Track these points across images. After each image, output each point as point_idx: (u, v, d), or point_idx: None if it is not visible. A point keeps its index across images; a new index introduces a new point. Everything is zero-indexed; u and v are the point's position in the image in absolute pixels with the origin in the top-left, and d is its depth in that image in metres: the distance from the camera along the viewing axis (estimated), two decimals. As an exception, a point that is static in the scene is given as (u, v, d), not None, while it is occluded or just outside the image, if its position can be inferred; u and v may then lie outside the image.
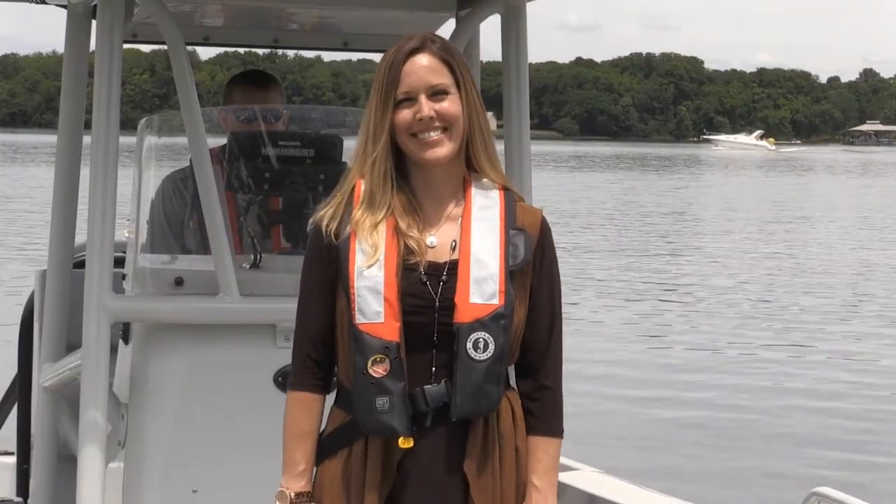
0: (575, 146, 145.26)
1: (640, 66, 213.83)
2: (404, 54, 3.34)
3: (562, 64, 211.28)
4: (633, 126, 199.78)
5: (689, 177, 74.38)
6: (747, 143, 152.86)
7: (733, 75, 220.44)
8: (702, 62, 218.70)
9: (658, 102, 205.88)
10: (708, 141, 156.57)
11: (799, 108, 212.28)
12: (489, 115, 4.77)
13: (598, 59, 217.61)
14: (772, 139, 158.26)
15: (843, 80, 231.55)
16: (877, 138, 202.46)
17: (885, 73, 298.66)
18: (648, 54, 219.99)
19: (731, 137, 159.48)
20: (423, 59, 3.35)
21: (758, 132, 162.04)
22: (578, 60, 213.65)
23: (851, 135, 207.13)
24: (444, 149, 3.34)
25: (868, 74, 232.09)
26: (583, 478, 5.84)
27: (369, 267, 3.29)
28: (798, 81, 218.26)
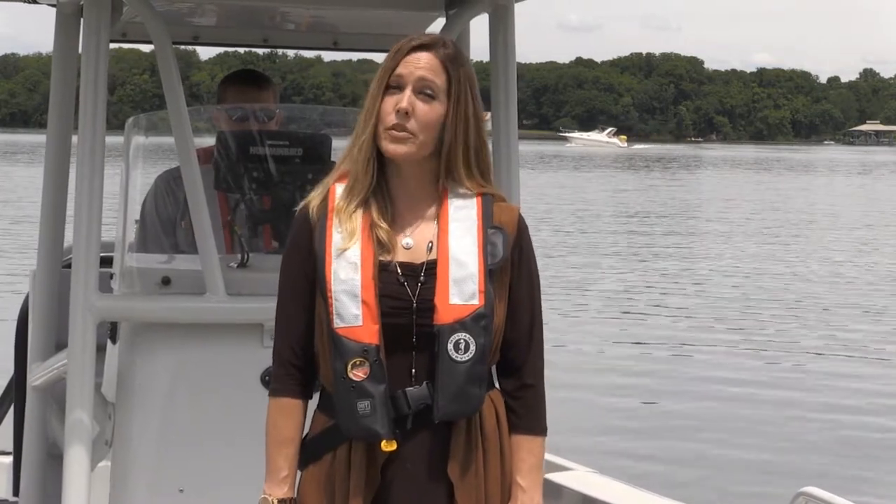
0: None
1: (640, 66, 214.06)
2: (410, 46, 3.35)
3: (562, 64, 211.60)
4: (634, 126, 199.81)
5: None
6: (600, 139, 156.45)
7: (733, 75, 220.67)
8: (702, 62, 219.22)
9: (658, 102, 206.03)
10: (564, 138, 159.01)
11: (799, 108, 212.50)
12: (487, 116, 4.78)
13: (598, 59, 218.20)
14: (623, 136, 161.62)
15: (843, 80, 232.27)
16: (877, 138, 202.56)
17: (885, 73, 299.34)
18: (648, 54, 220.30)
19: (585, 135, 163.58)
20: (424, 56, 3.34)
21: (610, 129, 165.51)
22: (578, 60, 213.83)
23: (851, 135, 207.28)
24: (403, 147, 3.31)
25: (868, 74, 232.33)
26: (577, 478, 5.84)
27: (343, 252, 3.28)
28: (798, 81, 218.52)
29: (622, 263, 27.46)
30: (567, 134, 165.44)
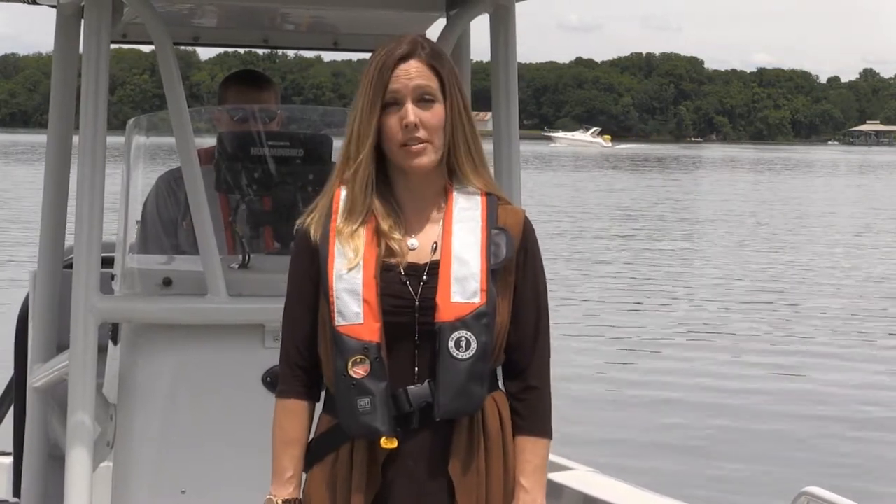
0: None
1: (640, 66, 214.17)
2: (395, 59, 3.34)
3: (562, 64, 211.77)
4: (634, 126, 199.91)
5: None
6: (584, 139, 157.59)
7: (733, 75, 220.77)
8: (702, 62, 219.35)
9: (658, 102, 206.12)
10: (548, 138, 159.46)
11: (799, 108, 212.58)
12: (487, 116, 4.78)
13: (598, 59, 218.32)
14: (607, 136, 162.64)
15: (843, 80, 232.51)
16: (877, 138, 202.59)
17: (885, 73, 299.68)
18: (648, 54, 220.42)
19: (569, 134, 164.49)
20: (412, 65, 3.34)
21: (594, 129, 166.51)
22: (578, 60, 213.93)
23: (851, 135, 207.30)
24: (426, 158, 3.33)
25: (868, 74, 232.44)
26: (577, 477, 5.84)
27: (349, 270, 3.29)
28: (798, 81, 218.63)
29: (618, 264, 27.49)
30: (551, 134, 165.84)
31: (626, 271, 26.19)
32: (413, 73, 3.33)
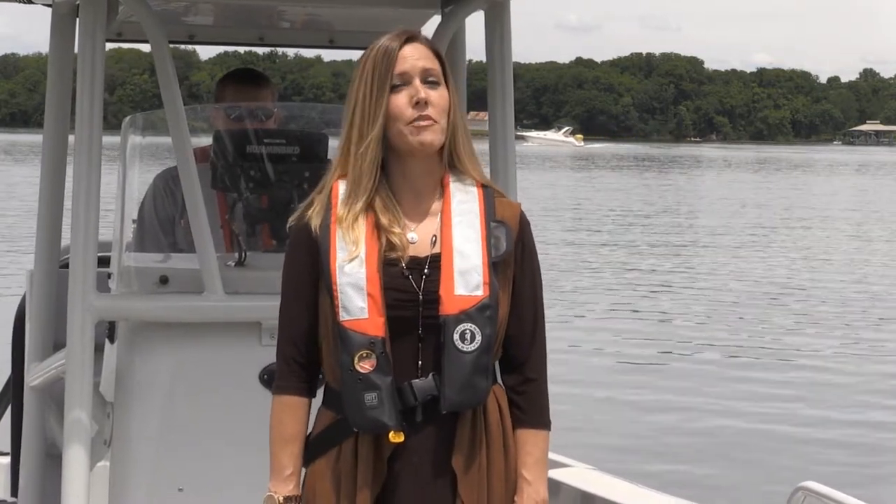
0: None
1: (640, 66, 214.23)
2: (400, 42, 3.36)
3: (562, 64, 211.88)
4: (634, 126, 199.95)
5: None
6: (556, 139, 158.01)
7: (733, 75, 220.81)
8: (702, 62, 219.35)
9: (658, 102, 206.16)
10: (521, 137, 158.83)
11: (799, 108, 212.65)
12: (485, 116, 4.78)
13: (598, 59, 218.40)
14: (579, 136, 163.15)
15: (843, 80, 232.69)
16: (877, 138, 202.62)
17: (885, 73, 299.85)
18: (648, 54, 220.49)
19: (541, 134, 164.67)
20: (416, 47, 3.37)
21: (566, 128, 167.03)
22: (578, 60, 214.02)
23: (851, 135, 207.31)
24: (435, 136, 3.33)
25: (868, 74, 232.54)
26: (576, 475, 5.84)
27: (350, 262, 3.29)
28: (798, 81, 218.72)
29: (613, 263, 27.50)
30: (524, 133, 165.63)
31: (620, 272, 26.20)
32: (418, 54, 3.36)
